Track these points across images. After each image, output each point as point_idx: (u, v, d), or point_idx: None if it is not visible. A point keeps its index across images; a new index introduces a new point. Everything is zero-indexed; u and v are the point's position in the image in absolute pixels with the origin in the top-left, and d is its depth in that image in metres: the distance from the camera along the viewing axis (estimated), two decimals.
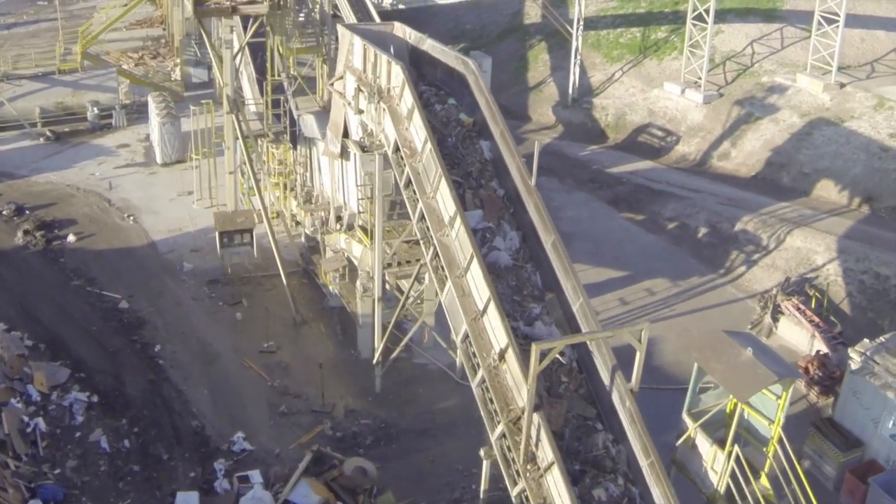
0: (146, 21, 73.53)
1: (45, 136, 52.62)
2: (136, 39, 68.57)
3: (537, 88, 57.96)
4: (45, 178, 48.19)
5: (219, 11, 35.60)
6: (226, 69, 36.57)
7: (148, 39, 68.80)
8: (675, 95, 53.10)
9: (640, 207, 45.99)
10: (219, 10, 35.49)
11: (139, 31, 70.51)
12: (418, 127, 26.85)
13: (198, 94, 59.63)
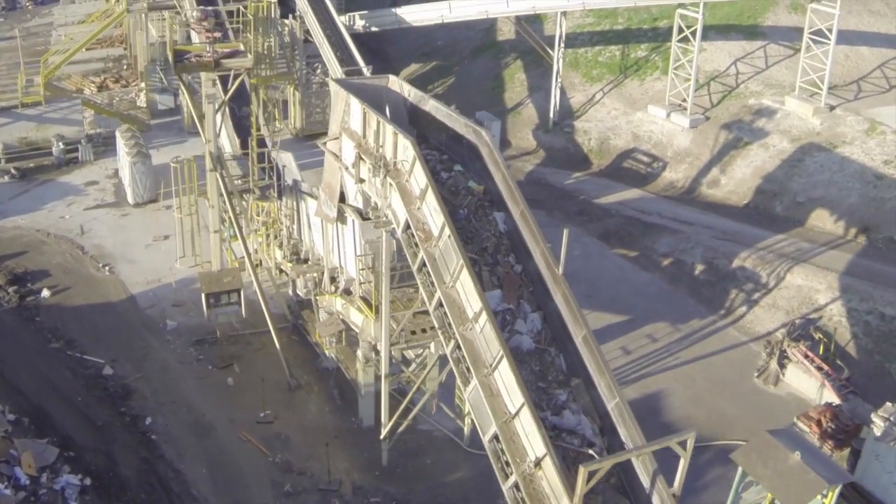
0: (106, 40, 70.75)
1: (10, 173, 50.19)
2: (97, 60, 65.90)
3: (515, 111, 56.52)
4: (12, 223, 45.93)
5: (200, 67, 33.67)
6: (208, 125, 34.69)
7: (109, 60, 66.17)
8: (659, 119, 51.99)
9: (633, 242, 44.84)
10: (200, 65, 33.54)
11: (99, 52, 67.78)
12: (433, 210, 25.30)
13: (165, 121, 57.73)
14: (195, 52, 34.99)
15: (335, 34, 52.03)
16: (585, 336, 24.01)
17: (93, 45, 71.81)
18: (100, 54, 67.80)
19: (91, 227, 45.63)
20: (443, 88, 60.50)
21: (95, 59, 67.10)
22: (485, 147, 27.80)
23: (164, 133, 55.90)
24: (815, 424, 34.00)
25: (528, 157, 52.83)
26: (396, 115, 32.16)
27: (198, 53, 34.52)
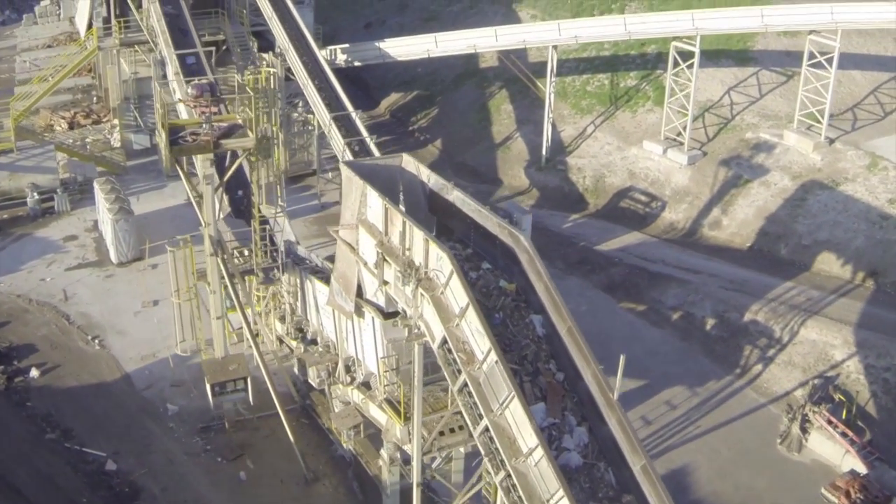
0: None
1: None
2: (65, 90, 63.13)
3: (504, 146, 55.05)
4: None
5: (198, 150, 31.70)
6: (207, 207, 32.77)
7: (77, 91, 63.52)
8: (656, 156, 50.84)
9: (639, 294, 43.67)
10: (198, 148, 31.58)
11: (66, 81, 65.15)
12: (477, 331, 23.75)
13: (141, 161, 55.57)
14: (191, 129, 32.93)
15: (318, 71, 50.11)
16: (644, 465, 22.77)
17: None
18: (67, 83, 65.24)
19: (75, 292, 43.53)
20: (426, 121, 58.87)
21: (63, 90, 64.58)
22: (524, 254, 26.28)
23: (141, 176, 53.80)
24: (844, 496, 33.33)
25: (522, 197, 51.38)
26: (412, 199, 30.61)
27: (194, 131, 32.47)
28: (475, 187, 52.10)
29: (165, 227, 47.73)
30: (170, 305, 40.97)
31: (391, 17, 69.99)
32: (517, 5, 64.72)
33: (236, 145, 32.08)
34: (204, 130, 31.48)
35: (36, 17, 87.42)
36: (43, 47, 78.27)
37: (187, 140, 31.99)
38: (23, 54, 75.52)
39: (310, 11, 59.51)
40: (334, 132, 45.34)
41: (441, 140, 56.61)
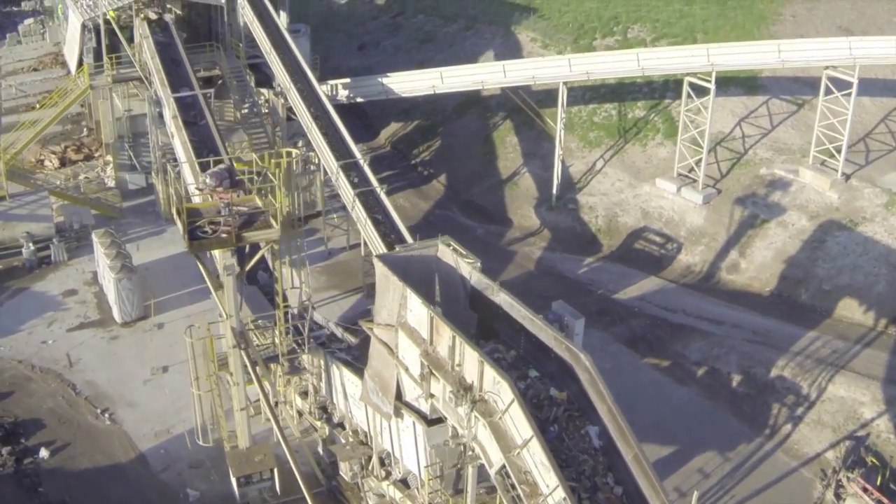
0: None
1: None
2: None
3: (512, 182, 53.72)
4: None
5: (219, 244, 30.03)
6: (228, 299, 31.23)
7: (66, 121, 61.44)
8: (669, 194, 49.75)
9: (662, 348, 42.69)
10: (220, 242, 29.94)
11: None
12: (542, 465, 22.64)
13: (137, 202, 53.89)
14: (209, 215, 31.18)
15: (321, 111, 48.44)
16: None
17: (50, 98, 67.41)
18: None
19: (79, 357, 41.88)
20: (429, 154, 57.40)
21: None
22: (584, 373, 25.08)
23: (139, 220, 52.13)
24: None
25: (534, 238, 50.18)
26: (449, 291, 29.45)
27: (213, 219, 30.72)
28: (485, 228, 50.94)
29: (168, 280, 46.39)
30: (180, 372, 39.75)
31: (385, 38, 68.31)
32: (516, 27, 63.25)
33: (260, 237, 30.48)
34: (224, 218, 29.78)
35: (20, 35, 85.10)
36: (28, 70, 76.11)
37: (206, 231, 30.25)
38: (8, 78, 73.38)
39: (306, 41, 57.82)
40: (343, 181, 43.85)
41: (446, 175, 55.18)
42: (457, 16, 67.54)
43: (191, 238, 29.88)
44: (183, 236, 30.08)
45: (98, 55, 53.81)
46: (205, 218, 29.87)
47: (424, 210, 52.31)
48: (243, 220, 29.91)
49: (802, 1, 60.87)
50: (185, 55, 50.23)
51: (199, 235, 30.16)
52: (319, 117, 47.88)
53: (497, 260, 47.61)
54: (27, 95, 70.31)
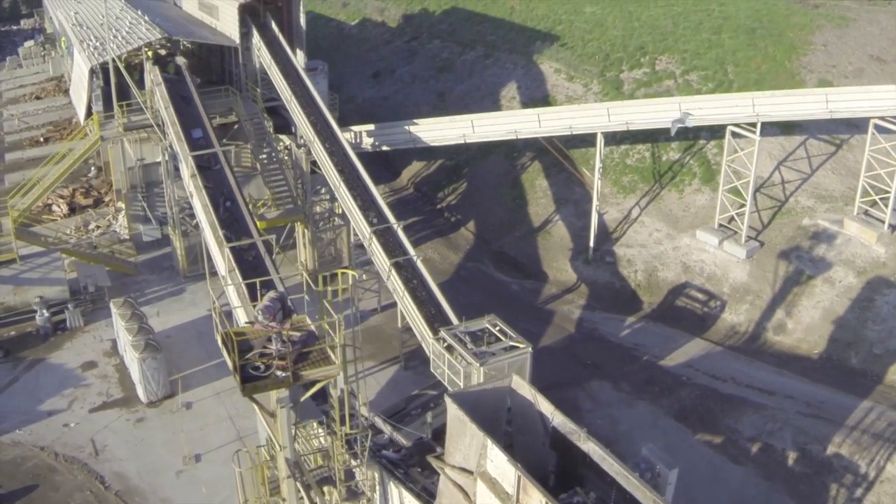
0: (62, 127, 64.29)
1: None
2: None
3: (544, 230, 51.75)
4: (10, 438, 39.95)
5: (276, 385, 27.84)
6: (282, 431, 29.18)
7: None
8: (711, 247, 47.94)
9: (714, 422, 40.99)
10: (276, 383, 27.73)
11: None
12: None
13: (152, 256, 51.89)
14: (258, 344, 28.88)
15: (343, 162, 46.15)
16: None
17: (51, 131, 65.53)
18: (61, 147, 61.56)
19: (105, 443, 39.86)
20: (455, 197, 55.35)
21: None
22: None
23: (155, 276, 50.14)
24: None
25: (571, 295, 48.31)
26: (524, 424, 27.51)
27: (264, 350, 28.45)
28: (520, 284, 49.09)
29: (193, 350, 44.48)
30: (214, 462, 38.00)
31: (400, 66, 65.96)
32: (538, 56, 61.06)
33: (320, 375, 28.26)
34: (276, 351, 27.59)
35: (20, 58, 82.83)
36: (31, 98, 74.00)
37: (259, 368, 27.88)
38: (9, 107, 71.18)
39: (324, 78, 55.58)
40: (376, 249, 41.79)
41: (474, 222, 53.20)
42: (474, 42, 65.27)
43: (244, 380, 27.72)
44: (234, 376, 27.87)
45: (107, 99, 51.49)
46: (255, 350, 27.71)
47: (455, 263, 50.38)
48: (300, 349, 27.83)
49: (832, 28, 58.93)
50: (200, 103, 48.07)
51: (253, 375, 27.83)
52: (346, 172, 45.69)
53: (535, 320, 45.90)
54: (30, 127, 68.19)
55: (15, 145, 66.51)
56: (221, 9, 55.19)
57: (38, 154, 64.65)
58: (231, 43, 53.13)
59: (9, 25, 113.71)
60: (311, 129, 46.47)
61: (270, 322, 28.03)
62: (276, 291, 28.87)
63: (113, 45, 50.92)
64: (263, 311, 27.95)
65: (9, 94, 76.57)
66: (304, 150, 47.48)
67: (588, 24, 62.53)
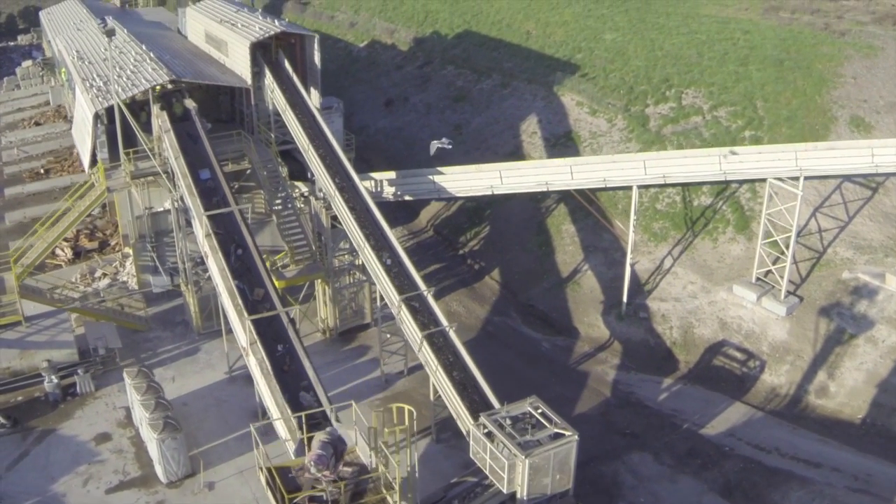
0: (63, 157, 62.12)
1: (0, 423, 41.89)
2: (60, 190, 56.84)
3: (573, 281, 49.76)
4: None
5: None
6: None
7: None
8: (748, 303, 46.10)
9: (760, 498, 39.19)
10: None
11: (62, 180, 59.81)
12: None
13: (163, 308, 49.81)
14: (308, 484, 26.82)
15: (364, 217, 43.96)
16: None
17: (52, 163, 63.50)
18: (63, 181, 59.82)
19: None
20: (477, 242, 53.26)
21: (59, 190, 58.71)
22: None
23: (168, 333, 48.13)
24: None
25: (604, 353, 46.42)
26: None
27: (314, 494, 26.46)
28: (550, 341, 47.19)
29: (212, 421, 42.51)
30: None
31: (414, 94, 63.63)
32: (558, 88, 58.88)
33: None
34: (331, 494, 25.75)
35: (18, 78, 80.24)
36: (30, 124, 71.51)
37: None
38: (8, 133, 68.72)
39: (339, 117, 53.35)
40: (406, 317, 39.73)
41: (499, 270, 51.18)
42: (490, 70, 62.98)
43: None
44: None
45: (112, 141, 49.06)
46: (304, 494, 25.85)
47: (481, 317, 48.41)
48: (353, 488, 26.08)
49: (860, 58, 56.93)
50: (211, 151, 45.94)
51: None
52: (368, 227, 43.59)
53: (569, 383, 44.12)
54: (30, 157, 65.88)
55: (15, 178, 64.11)
56: (231, 46, 52.79)
57: (38, 189, 62.40)
58: (243, 84, 50.84)
59: (5, 41, 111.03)
60: (331, 183, 44.28)
61: (324, 472, 26.27)
62: (326, 434, 26.99)
63: (117, 87, 48.40)
64: (316, 462, 26.14)
65: (7, 119, 74.13)
66: (323, 203, 45.29)
67: (609, 52, 60.31)
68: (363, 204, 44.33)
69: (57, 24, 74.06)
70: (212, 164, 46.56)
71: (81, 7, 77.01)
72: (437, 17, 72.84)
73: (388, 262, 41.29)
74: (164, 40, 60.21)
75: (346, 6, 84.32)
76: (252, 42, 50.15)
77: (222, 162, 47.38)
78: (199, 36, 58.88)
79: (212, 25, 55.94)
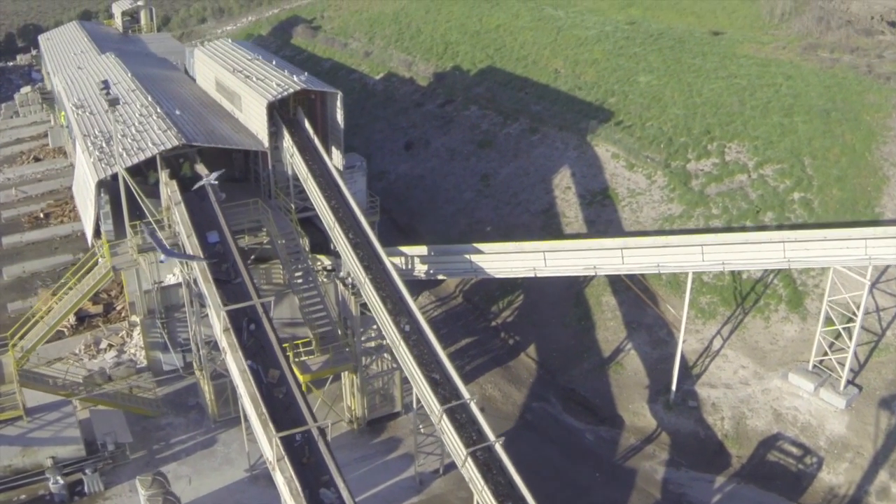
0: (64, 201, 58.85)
1: None
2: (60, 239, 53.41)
3: (616, 361, 46.56)
4: None
5: None
6: None
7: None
8: (805, 393, 43.12)
9: None
10: None
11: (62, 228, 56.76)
12: None
13: (174, 389, 46.66)
14: None
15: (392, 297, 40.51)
16: None
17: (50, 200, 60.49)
18: (63, 230, 56.43)
19: None
20: (511, 313, 49.95)
21: (58, 239, 55.34)
22: None
23: (181, 419, 44.98)
24: None
25: (652, 446, 43.35)
26: None
27: None
28: (594, 432, 44.12)
29: None
30: None
31: (435, 136, 60.03)
32: (592, 137, 55.37)
33: None
34: None
35: (17, 105, 76.53)
36: (29, 159, 67.90)
37: None
38: (6, 170, 65.13)
39: (363, 176, 49.86)
40: (447, 428, 36.32)
41: (535, 346, 47.95)
42: (517, 112, 59.38)
43: None
44: None
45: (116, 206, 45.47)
46: None
47: (518, 403, 45.28)
48: None
49: None
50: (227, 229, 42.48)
51: None
52: (387, 298, 40.17)
53: (615, 483, 41.16)
54: (29, 198, 62.46)
55: (13, 224, 60.61)
56: (246, 101, 49.10)
57: (38, 237, 58.90)
58: (259, 147, 47.23)
59: (4, 61, 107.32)
60: (360, 268, 40.81)
61: None
62: None
63: (121, 148, 44.54)
64: None
65: (5, 152, 70.56)
66: (352, 289, 41.90)
67: (644, 97, 56.79)
68: (395, 292, 40.87)
69: (56, 55, 70.00)
70: (221, 226, 43.19)
71: (82, 33, 73.06)
72: (457, 49, 69.09)
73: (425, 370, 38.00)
74: (171, 85, 56.35)
75: (359, 32, 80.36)
76: (269, 102, 46.47)
77: (237, 234, 43.90)
78: (209, 82, 55.07)
79: (223, 74, 52.14)
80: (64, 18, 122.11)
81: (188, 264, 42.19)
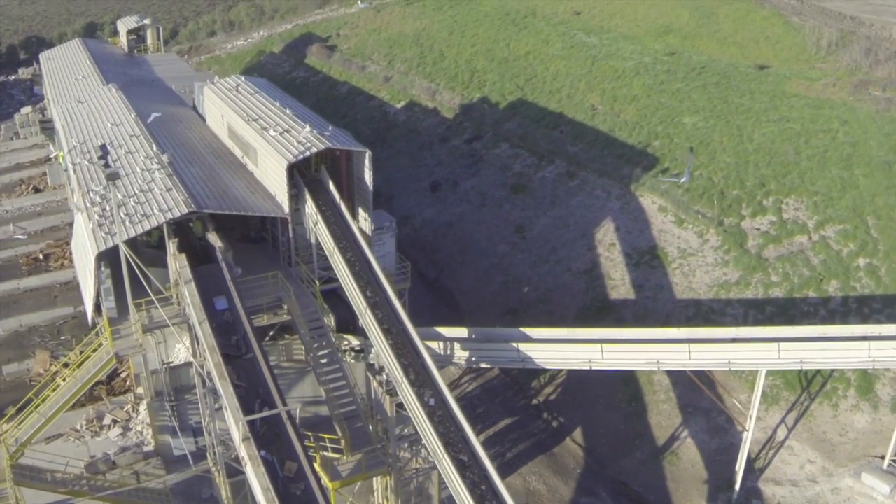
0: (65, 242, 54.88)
1: None
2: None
3: (671, 451, 42.58)
4: None
5: None
6: None
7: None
8: (880, 496, 39.28)
9: None
10: None
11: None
12: None
13: (185, 477, 42.66)
14: None
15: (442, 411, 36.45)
16: None
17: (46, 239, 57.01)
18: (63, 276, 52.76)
19: None
20: (554, 390, 45.86)
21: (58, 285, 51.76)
22: None
23: None
24: None
25: None
26: None
27: None
28: None
29: None
30: None
31: (464, 177, 55.50)
32: (637, 186, 51.04)
33: None
34: None
35: (17, 125, 72.20)
36: (28, 189, 63.60)
37: None
38: (4, 202, 60.87)
39: (391, 237, 45.48)
40: None
41: (581, 430, 43.94)
42: (552, 153, 54.93)
43: None
44: None
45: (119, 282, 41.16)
46: None
47: (566, 498, 41.35)
48: None
49: None
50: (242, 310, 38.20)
51: None
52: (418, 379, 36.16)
53: None
54: (27, 234, 58.34)
55: (10, 266, 56.49)
56: (263, 158, 44.61)
57: (36, 284, 54.70)
58: (279, 213, 42.84)
59: (5, 74, 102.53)
60: (399, 368, 36.58)
61: None
62: None
63: (123, 215, 40.19)
64: None
65: (4, 180, 66.26)
66: (386, 386, 37.79)
67: (691, 141, 52.37)
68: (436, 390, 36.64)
69: (57, 80, 65.15)
70: (230, 292, 38.99)
71: (85, 54, 68.15)
72: (484, 78, 64.43)
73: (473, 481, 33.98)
74: (178, 127, 51.66)
75: (378, 54, 75.44)
76: (290, 163, 41.99)
77: (254, 314, 39.67)
78: (220, 126, 50.43)
79: (237, 121, 47.50)
80: (68, 30, 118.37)
81: (199, 349, 38.08)
